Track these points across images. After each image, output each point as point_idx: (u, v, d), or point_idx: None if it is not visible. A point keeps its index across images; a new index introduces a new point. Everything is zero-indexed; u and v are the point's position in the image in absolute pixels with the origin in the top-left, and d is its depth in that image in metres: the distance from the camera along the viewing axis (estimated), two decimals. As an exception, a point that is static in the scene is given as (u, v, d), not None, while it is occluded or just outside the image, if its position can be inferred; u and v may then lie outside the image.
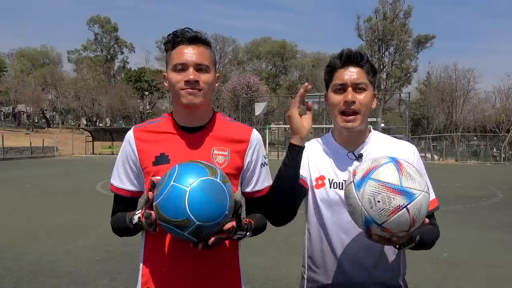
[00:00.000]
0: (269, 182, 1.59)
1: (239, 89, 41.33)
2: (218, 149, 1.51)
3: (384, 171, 1.21)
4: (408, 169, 1.23)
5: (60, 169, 19.91)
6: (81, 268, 4.85)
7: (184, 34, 1.46)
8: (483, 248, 5.99)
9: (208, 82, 1.46)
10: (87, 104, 50.59)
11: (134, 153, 1.53)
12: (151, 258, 1.51)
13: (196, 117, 1.52)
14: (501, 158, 33.47)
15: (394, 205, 1.18)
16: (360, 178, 1.24)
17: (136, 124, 1.69)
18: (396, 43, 50.94)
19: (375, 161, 1.26)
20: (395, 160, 1.25)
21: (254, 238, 1.59)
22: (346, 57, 1.48)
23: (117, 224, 1.52)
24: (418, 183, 1.21)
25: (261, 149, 1.60)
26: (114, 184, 1.58)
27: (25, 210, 8.79)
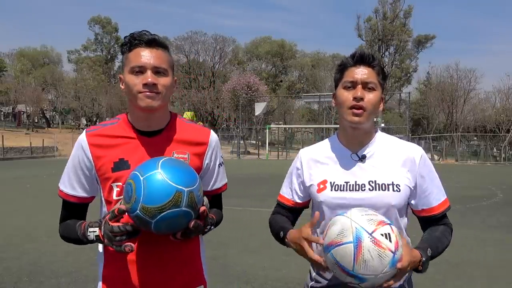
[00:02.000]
0: (225, 180, 1.69)
1: (239, 89, 41.31)
2: (178, 152, 1.51)
3: (342, 253, 1.25)
4: (367, 256, 1.21)
5: (60, 169, 19.74)
6: (81, 268, 4.85)
7: (141, 36, 1.45)
8: (483, 248, 5.98)
9: (166, 85, 1.45)
10: (87, 104, 50.57)
11: (88, 159, 1.49)
12: (112, 261, 1.51)
13: (154, 121, 1.50)
14: (501, 158, 33.47)
15: (347, 280, 1.28)
16: (326, 246, 1.30)
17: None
18: (396, 43, 51.00)
19: (341, 234, 1.27)
20: (357, 244, 1.23)
21: (254, 239, 1.59)
22: (359, 56, 1.51)
23: (68, 234, 1.49)
24: (372, 270, 1.22)
25: (218, 150, 1.63)
26: (64, 191, 1.55)
27: (25, 210, 8.79)
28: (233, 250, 5.48)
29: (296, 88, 56.62)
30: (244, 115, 41.34)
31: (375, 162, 1.53)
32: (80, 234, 1.42)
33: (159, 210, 1.21)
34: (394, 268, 1.23)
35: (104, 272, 1.52)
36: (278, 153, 35.78)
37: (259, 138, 41.47)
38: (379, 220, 1.27)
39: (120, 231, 1.28)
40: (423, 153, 1.56)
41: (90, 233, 1.39)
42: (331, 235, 1.29)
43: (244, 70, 53.99)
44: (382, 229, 1.24)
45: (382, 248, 1.22)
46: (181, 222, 1.28)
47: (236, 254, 5.33)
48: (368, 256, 1.21)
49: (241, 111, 40.47)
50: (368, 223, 1.25)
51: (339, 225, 1.29)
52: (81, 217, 1.57)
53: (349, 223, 1.27)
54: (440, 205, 1.55)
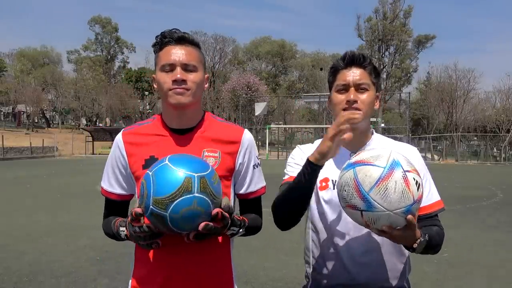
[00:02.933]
0: (262, 183, 1.60)
1: (239, 89, 41.33)
2: (208, 150, 1.49)
3: (367, 172, 1.20)
4: (391, 185, 1.16)
5: (60, 169, 19.91)
6: (81, 268, 4.85)
7: (171, 34, 1.45)
8: (483, 248, 5.99)
9: (196, 81, 1.44)
10: (87, 104, 50.58)
11: (123, 157, 1.52)
12: (142, 260, 1.51)
13: (185, 118, 1.50)
14: (501, 158, 33.47)
15: (352, 203, 1.22)
16: (351, 163, 1.26)
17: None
18: (396, 43, 50.94)
19: (375, 157, 1.23)
20: (388, 171, 1.18)
21: (254, 239, 1.59)
22: (349, 58, 1.51)
23: (108, 230, 1.52)
24: (388, 202, 1.16)
25: (253, 150, 1.58)
26: (104, 188, 1.59)
27: (25, 210, 8.79)
28: (233, 250, 5.46)
29: (296, 88, 56.61)
30: (244, 115, 41.35)
31: None
32: (115, 232, 1.45)
33: (170, 199, 1.17)
34: (404, 217, 1.19)
35: (135, 269, 1.53)
36: (278, 153, 35.79)
37: (259, 138, 41.47)
38: (416, 169, 1.25)
39: (141, 232, 1.28)
40: (418, 153, 1.58)
41: (121, 232, 1.41)
42: (363, 155, 1.26)
43: (244, 70, 54.00)
44: (416, 176, 1.22)
45: (409, 189, 1.18)
46: (199, 211, 1.20)
47: (236, 254, 5.31)
48: (392, 186, 1.17)
49: (241, 111, 40.48)
50: (406, 164, 1.22)
51: (377, 151, 1.26)
52: (122, 214, 1.58)
53: (388, 153, 1.24)
54: (432, 205, 1.52)
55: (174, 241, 1.35)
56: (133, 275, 1.54)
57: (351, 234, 1.48)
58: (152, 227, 1.26)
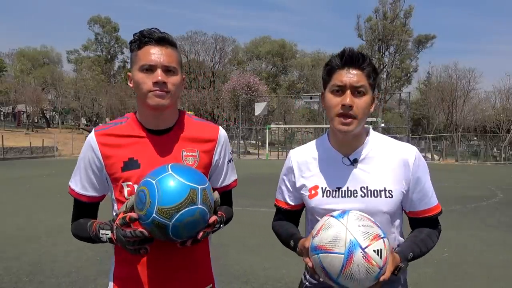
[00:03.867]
0: (234, 176, 1.68)
1: (239, 89, 41.30)
2: (187, 150, 1.51)
3: (330, 261, 1.25)
4: (355, 269, 1.22)
5: (60, 169, 19.90)
6: (81, 268, 4.85)
7: (151, 34, 1.43)
8: (483, 248, 5.98)
9: (176, 84, 1.44)
10: (87, 104, 50.55)
11: (98, 159, 1.48)
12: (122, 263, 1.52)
13: (163, 119, 1.49)
14: (501, 158, 33.44)
15: (330, 284, 1.30)
16: (314, 247, 1.30)
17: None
18: (396, 43, 50.97)
19: (333, 242, 1.25)
20: (348, 257, 1.22)
21: (254, 239, 1.59)
22: (348, 58, 1.41)
23: (81, 233, 1.50)
24: (357, 281, 1.23)
25: (227, 146, 1.62)
26: (75, 190, 1.55)
27: (25, 210, 8.79)
28: (233, 250, 5.47)
29: (296, 88, 56.59)
30: (244, 115, 41.34)
31: (367, 167, 1.48)
32: (92, 235, 1.43)
33: (176, 209, 1.20)
34: (376, 280, 1.25)
35: (115, 272, 1.53)
36: (278, 153, 35.77)
37: (259, 138, 41.45)
38: (375, 234, 1.26)
39: (132, 236, 1.27)
40: (417, 154, 1.50)
41: (103, 235, 1.40)
42: (323, 239, 1.27)
43: (244, 70, 53.95)
44: (375, 244, 1.24)
45: (372, 264, 1.22)
46: (199, 221, 1.25)
47: (236, 254, 5.33)
48: (356, 270, 1.22)
49: (241, 111, 40.46)
50: (363, 237, 1.24)
51: (333, 231, 1.27)
52: (92, 215, 1.57)
53: (343, 233, 1.25)
54: (430, 209, 1.50)
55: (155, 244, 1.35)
56: (113, 277, 1.54)
57: None
58: (146, 232, 1.25)
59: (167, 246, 1.41)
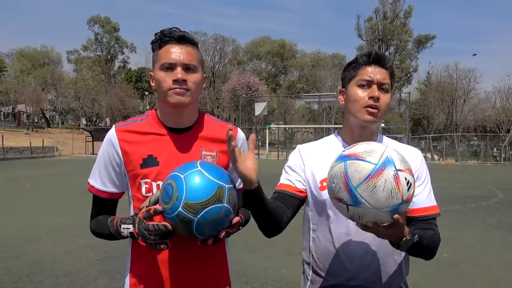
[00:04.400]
0: None
1: (239, 89, 41.32)
2: (206, 149, 1.52)
3: (358, 167, 1.17)
4: (380, 183, 1.14)
5: (60, 169, 19.91)
6: (81, 268, 4.85)
7: (172, 33, 1.45)
8: (483, 248, 5.99)
9: (196, 82, 1.45)
10: (87, 104, 50.57)
11: (118, 155, 1.48)
12: (140, 258, 1.50)
13: (183, 117, 1.50)
14: (501, 158, 33.45)
15: (339, 196, 1.20)
16: (344, 155, 1.23)
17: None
18: (396, 43, 51.02)
19: (368, 152, 1.20)
20: (380, 168, 1.16)
21: (254, 238, 1.60)
22: (376, 56, 1.50)
23: (100, 230, 1.50)
24: (375, 200, 1.14)
25: (246, 147, 1.62)
26: (95, 187, 1.55)
27: (25, 210, 8.79)
28: (233, 250, 5.46)
29: (296, 88, 56.60)
30: (244, 115, 41.36)
31: None
32: (113, 230, 1.42)
33: (203, 205, 1.21)
34: (391, 215, 1.17)
35: (131, 268, 1.53)
36: (278, 153, 35.78)
37: (259, 138, 41.46)
38: (409, 168, 1.21)
39: (155, 230, 1.26)
40: (422, 156, 1.58)
41: (124, 229, 1.38)
42: (357, 149, 1.23)
43: (244, 70, 53.99)
44: (408, 175, 1.18)
45: (398, 188, 1.15)
46: (223, 220, 1.25)
47: (236, 254, 5.34)
48: (381, 184, 1.14)
49: (241, 111, 40.48)
50: (400, 162, 1.19)
51: (372, 146, 1.23)
52: (112, 212, 1.57)
53: (383, 149, 1.21)
54: (428, 208, 1.50)
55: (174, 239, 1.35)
56: (130, 272, 1.53)
57: (351, 235, 1.48)
58: (169, 226, 1.25)
59: (185, 244, 1.41)
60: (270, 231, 1.48)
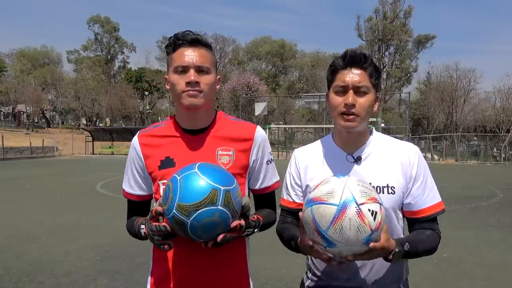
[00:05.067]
0: (276, 178, 1.65)
1: (239, 89, 41.32)
2: (222, 149, 1.52)
3: (323, 211, 1.22)
4: (346, 223, 1.18)
5: (60, 169, 19.91)
6: (81, 268, 4.85)
7: (185, 36, 1.47)
8: (483, 248, 5.98)
9: (209, 83, 1.46)
10: (87, 104, 50.57)
11: (140, 158, 1.55)
12: (160, 260, 1.54)
13: (198, 119, 1.52)
14: (501, 158, 33.43)
15: (314, 239, 1.26)
16: (310, 200, 1.28)
17: (136, 125, 1.65)
18: (396, 43, 51.01)
19: (329, 194, 1.24)
20: (341, 209, 1.20)
21: (254, 238, 1.59)
22: (350, 58, 1.46)
23: (131, 229, 1.56)
24: (346, 239, 1.19)
25: (266, 146, 1.60)
26: (125, 190, 1.63)
27: (25, 210, 8.79)
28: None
29: (296, 88, 56.60)
30: (244, 115, 41.34)
31: (370, 164, 1.50)
32: (137, 231, 1.47)
33: (195, 207, 1.21)
34: (366, 246, 1.21)
35: (153, 268, 1.57)
36: (278, 153, 35.77)
37: (259, 138, 41.40)
38: (372, 196, 1.23)
39: (157, 230, 1.30)
40: (419, 153, 1.53)
41: (141, 229, 1.44)
42: (319, 192, 1.26)
43: (244, 70, 53.99)
44: (371, 205, 1.21)
45: (364, 223, 1.19)
46: (219, 223, 1.24)
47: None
48: (346, 224, 1.18)
49: (241, 111, 40.48)
50: (360, 195, 1.22)
51: (331, 185, 1.26)
52: (144, 213, 1.60)
53: (342, 187, 1.24)
54: (430, 208, 1.49)
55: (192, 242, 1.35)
56: (151, 273, 1.57)
57: None
58: (169, 228, 1.28)
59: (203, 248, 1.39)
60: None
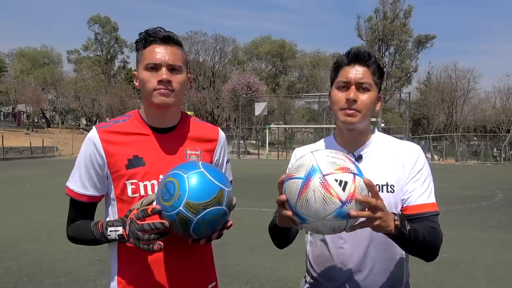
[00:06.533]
0: (231, 177, 1.68)
1: (239, 89, 41.28)
2: (190, 149, 1.53)
3: (291, 187, 1.18)
4: (311, 195, 1.13)
5: (60, 169, 19.91)
6: (81, 268, 4.85)
7: (156, 33, 1.45)
8: (483, 248, 5.99)
9: (180, 82, 1.45)
10: (87, 104, 50.54)
11: (100, 156, 1.45)
12: (127, 264, 1.47)
13: (168, 117, 1.51)
14: (501, 158, 33.43)
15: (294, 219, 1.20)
16: (284, 178, 1.23)
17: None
18: (396, 43, 51.04)
19: (297, 168, 1.20)
20: (305, 181, 1.14)
21: (254, 238, 1.59)
22: (354, 55, 1.46)
23: (80, 235, 1.46)
24: (314, 212, 1.13)
25: (226, 147, 1.67)
26: (74, 190, 1.49)
27: (25, 210, 8.79)
28: (233, 250, 5.46)
29: (296, 88, 56.59)
30: (244, 115, 41.34)
31: (371, 163, 1.50)
32: (98, 234, 1.39)
33: (203, 206, 1.22)
34: (345, 219, 1.14)
35: (119, 272, 1.49)
36: (278, 153, 35.79)
37: (259, 138, 41.45)
38: (343, 166, 1.16)
39: (151, 229, 1.25)
40: (420, 152, 1.52)
41: (111, 232, 1.35)
42: (291, 168, 1.24)
43: (244, 70, 53.96)
44: (340, 175, 1.13)
45: (330, 193, 1.12)
46: (219, 222, 1.29)
47: (236, 254, 5.33)
48: (311, 196, 1.13)
49: (241, 111, 40.47)
50: (328, 165, 1.15)
51: (301, 160, 1.23)
52: (90, 217, 1.53)
53: (309, 160, 1.19)
54: (427, 205, 1.46)
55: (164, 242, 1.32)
56: (117, 279, 1.48)
57: (345, 238, 1.46)
58: (167, 224, 1.24)
59: (173, 245, 1.41)
60: (284, 246, 1.57)
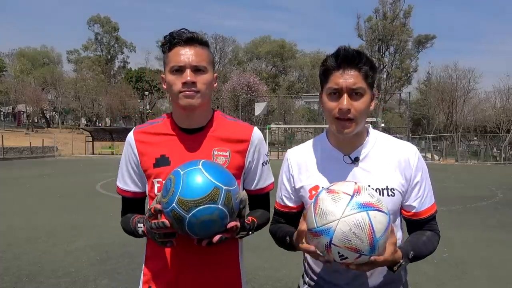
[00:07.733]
0: (271, 179, 1.64)
1: (239, 89, 41.28)
2: (218, 149, 1.51)
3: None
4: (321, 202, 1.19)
5: (60, 169, 19.91)
6: (81, 268, 4.85)
7: (180, 35, 1.44)
8: (483, 248, 5.98)
9: (205, 83, 1.45)
10: (87, 104, 50.54)
11: (135, 155, 1.54)
12: (153, 257, 1.53)
13: (195, 118, 1.51)
14: (501, 158, 33.41)
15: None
16: (359, 204, 1.22)
17: (136, 125, 1.67)
18: (396, 43, 51.01)
19: (379, 201, 1.21)
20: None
21: (254, 238, 1.59)
22: (343, 58, 1.35)
23: (126, 227, 1.55)
24: (329, 214, 1.16)
25: (262, 148, 1.60)
26: (119, 186, 1.61)
27: (25, 210, 8.78)
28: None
29: (296, 88, 56.57)
30: (244, 115, 41.31)
31: (369, 165, 1.45)
32: (133, 228, 1.48)
33: (195, 203, 1.20)
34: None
35: (146, 265, 1.57)
36: (278, 153, 35.75)
37: (259, 138, 41.36)
38: (354, 247, 1.17)
39: (156, 228, 1.27)
40: (418, 153, 1.48)
41: (139, 228, 1.44)
42: (370, 197, 1.23)
43: (244, 70, 53.95)
44: (344, 251, 1.17)
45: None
46: (217, 222, 1.24)
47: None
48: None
49: (241, 111, 40.45)
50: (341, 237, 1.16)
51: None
52: (139, 211, 1.61)
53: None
54: (427, 209, 1.48)
55: (185, 239, 1.34)
56: (143, 270, 1.56)
57: None
58: (168, 223, 1.26)
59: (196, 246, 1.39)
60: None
